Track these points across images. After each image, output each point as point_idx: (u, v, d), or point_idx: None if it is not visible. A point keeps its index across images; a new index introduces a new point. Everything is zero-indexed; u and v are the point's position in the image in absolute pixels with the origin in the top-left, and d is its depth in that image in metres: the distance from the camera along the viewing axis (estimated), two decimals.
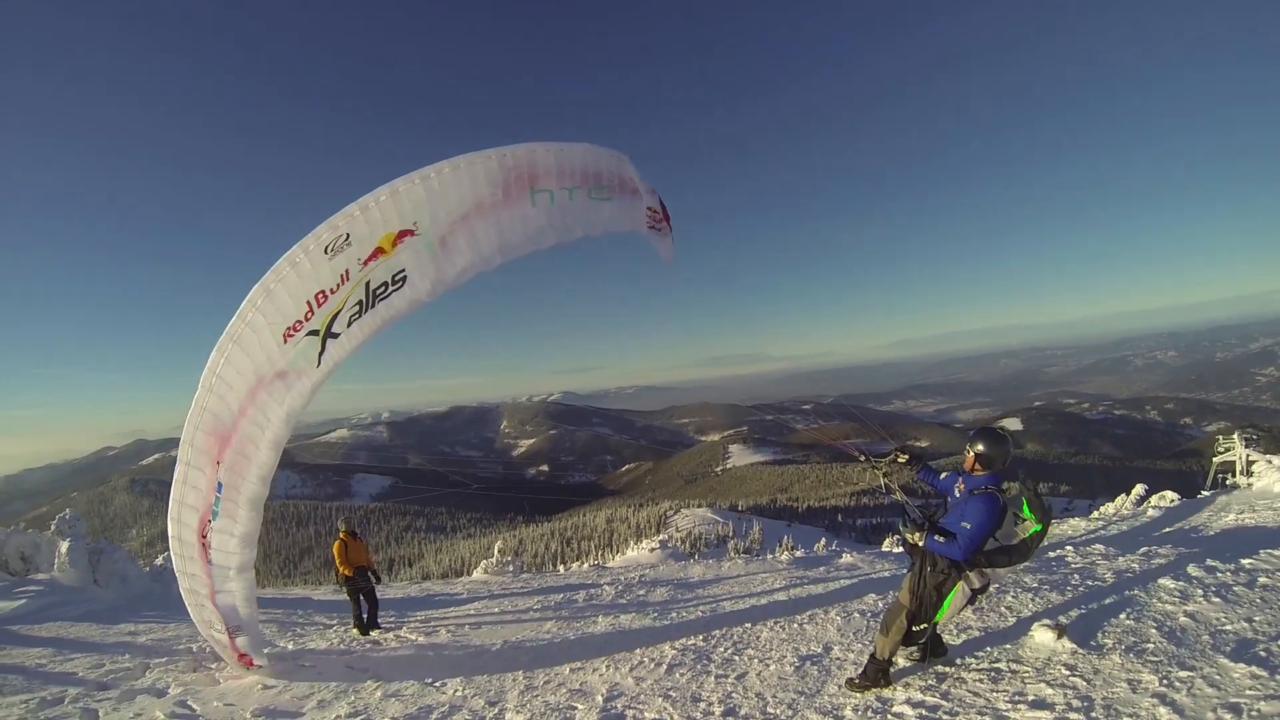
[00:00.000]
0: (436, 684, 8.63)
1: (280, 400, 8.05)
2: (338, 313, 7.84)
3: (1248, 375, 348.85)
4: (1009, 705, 5.13)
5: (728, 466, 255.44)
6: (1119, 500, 25.50)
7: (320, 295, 7.80)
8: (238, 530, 8.26)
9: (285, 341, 7.91)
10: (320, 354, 8.03)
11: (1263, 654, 5.31)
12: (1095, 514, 20.85)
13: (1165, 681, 5.04)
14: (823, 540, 35.21)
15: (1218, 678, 5.01)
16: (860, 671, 6.17)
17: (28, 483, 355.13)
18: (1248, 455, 25.09)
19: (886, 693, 5.83)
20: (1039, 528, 5.51)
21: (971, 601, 5.80)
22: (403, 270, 7.91)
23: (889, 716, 5.35)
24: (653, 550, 24.82)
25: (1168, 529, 13.12)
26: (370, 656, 10.52)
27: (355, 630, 12.34)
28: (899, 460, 6.80)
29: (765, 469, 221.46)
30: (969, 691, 5.53)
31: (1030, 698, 5.19)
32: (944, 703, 5.39)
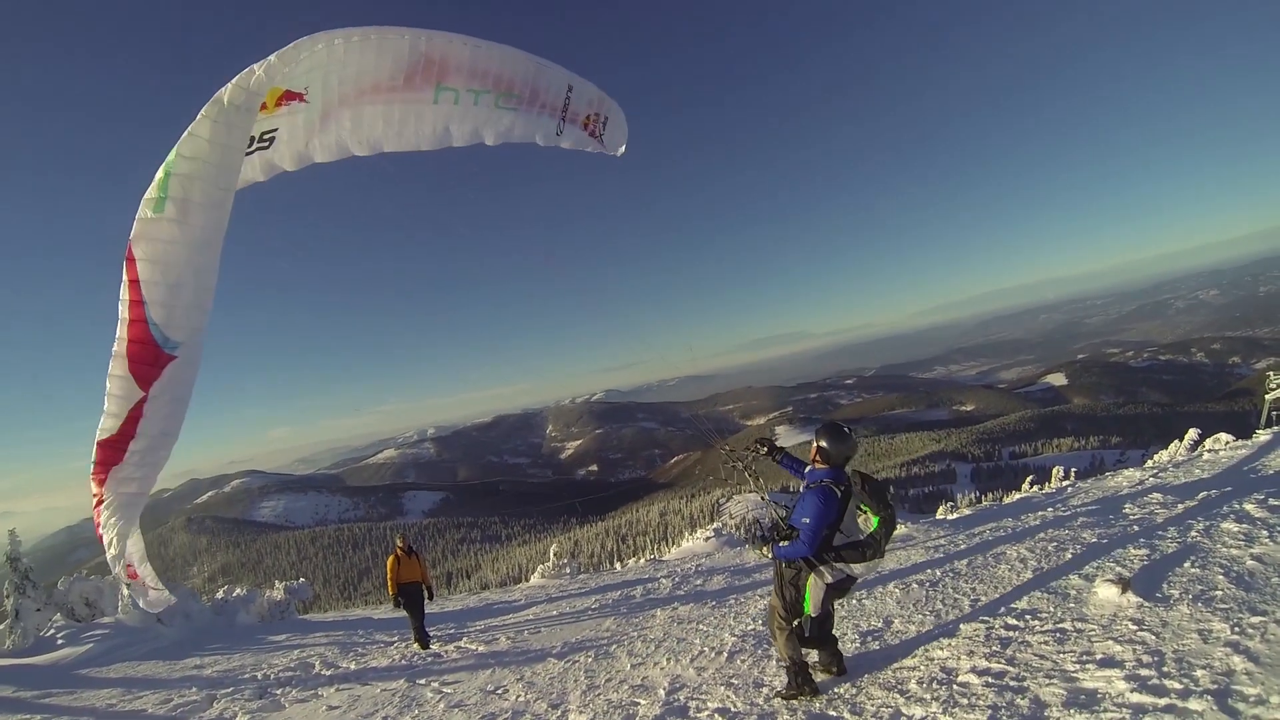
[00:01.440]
0: (499, 691, 8.67)
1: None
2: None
3: None
4: (1077, 666, 5.01)
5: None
6: (1172, 447, 25.05)
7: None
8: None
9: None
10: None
11: None
12: (1149, 463, 20.50)
13: (1237, 629, 4.89)
14: None
15: None
16: (786, 683, 6.13)
17: (89, 531, 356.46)
18: None
19: (951, 663, 5.73)
20: (876, 521, 5.54)
21: (836, 594, 5.80)
22: (274, 131, 7.27)
23: (954, 686, 5.24)
24: (707, 539, 24.71)
25: (1225, 472, 12.83)
26: (432, 669, 10.59)
27: (416, 645, 12.44)
28: (760, 452, 7.10)
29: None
30: (1035, 654, 5.42)
31: (1099, 656, 5.06)
32: (1010, 668, 5.28)
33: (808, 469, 6.05)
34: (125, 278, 6.33)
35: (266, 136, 7.26)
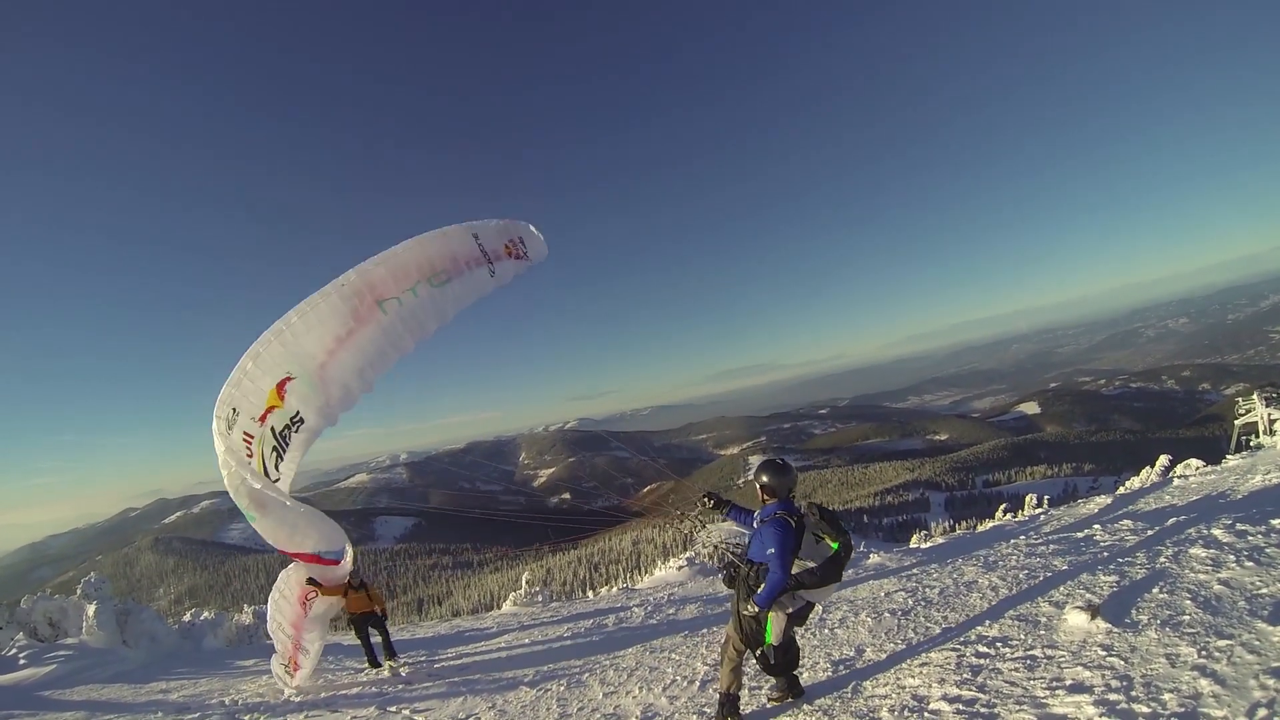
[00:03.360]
0: (471, 719, 8.57)
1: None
2: (264, 465, 9.30)
3: (1262, 334, 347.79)
4: (1047, 692, 5.04)
5: (749, 479, 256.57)
6: (1144, 473, 25.31)
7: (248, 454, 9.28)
8: None
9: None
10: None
11: None
12: (1121, 489, 20.70)
13: (1204, 653, 4.95)
14: None
15: (1257, 643, 4.91)
16: (716, 712, 6.31)
17: (53, 549, 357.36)
18: (1269, 414, 24.96)
19: (923, 690, 5.74)
20: (836, 546, 5.59)
21: (798, 623, 5.96)
22: (297, 413, 9.31)
23: (926, 714, 5.26)
24: (680, 568, 24.68)
25: (1195, 497, 12.98)
26: (403, 697, 10.45)
27: (368, 665, 12.68)
28: (707, 505, 7.11)
29: None
30: (1005, 681, 5.44)
31: (1068, 682, 5.09)
32: (981, 695, 5.31)
33: (758, 510, 6.16)
34: (280, 553, 10.00)
35: (296, 420, 9.45)
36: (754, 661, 6.24)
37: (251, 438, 9.02)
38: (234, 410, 9.01)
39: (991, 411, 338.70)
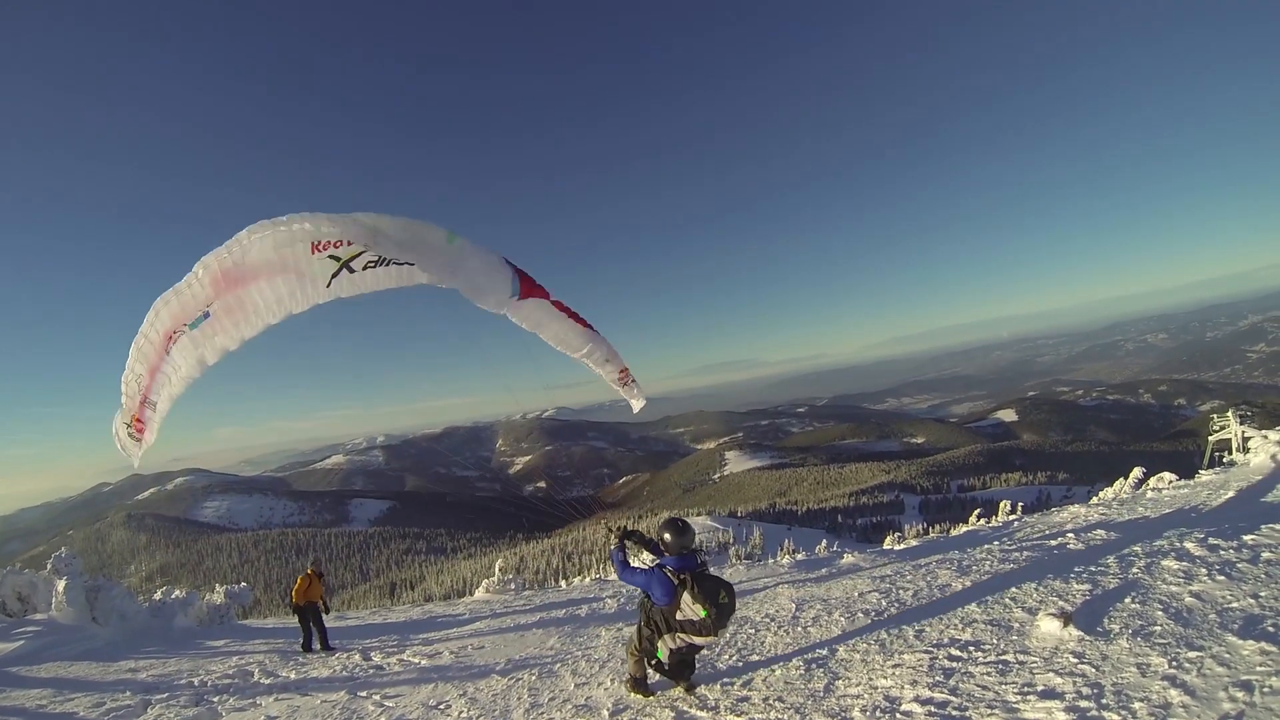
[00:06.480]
0: (441, 706, 8.54)
1: (291, 293, 8.96)
2: (357, 256, 8.85)
3: (1239, 353, 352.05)
4: (1018, 697, 5.07)
5: (725, 473, 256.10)
6: (1118, 484, 25.54)
7: (342, 242, 8.69)
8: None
9: (313, 253, 8.82)
10: (333, 276, 9.02)
11: (1271, 629, 5.27)
12: (1095, 499, 20.86)
13: (1174, 663, 4.99)
14: (824, 542, 35.09)
15: (1227, 656, 4.96)
16: (630, 682, 7.38)
17: (24, 522, 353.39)
18: (1243, 432, 25.19)
19: (895, 692, 5.76)
20: (705, 612, 6.15)
21: (683, 654, 6.80)
22: (412, 262, 8.93)
23: (898, 715, 5.27)
24: (654, 561, 24.72)
25: (1168, 510, 13.10)
26: (374, 681, 10.41)
27: (302, 649, 13.53)
28: (615, 540, 7.71)
29: (763, 474, 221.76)
30: (977, 685, 5.47)
31: (1040, 688, 5.13)
32: (953, 698, 5.33)
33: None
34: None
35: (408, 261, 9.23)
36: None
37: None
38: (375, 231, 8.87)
39: (969, 417, 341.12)
